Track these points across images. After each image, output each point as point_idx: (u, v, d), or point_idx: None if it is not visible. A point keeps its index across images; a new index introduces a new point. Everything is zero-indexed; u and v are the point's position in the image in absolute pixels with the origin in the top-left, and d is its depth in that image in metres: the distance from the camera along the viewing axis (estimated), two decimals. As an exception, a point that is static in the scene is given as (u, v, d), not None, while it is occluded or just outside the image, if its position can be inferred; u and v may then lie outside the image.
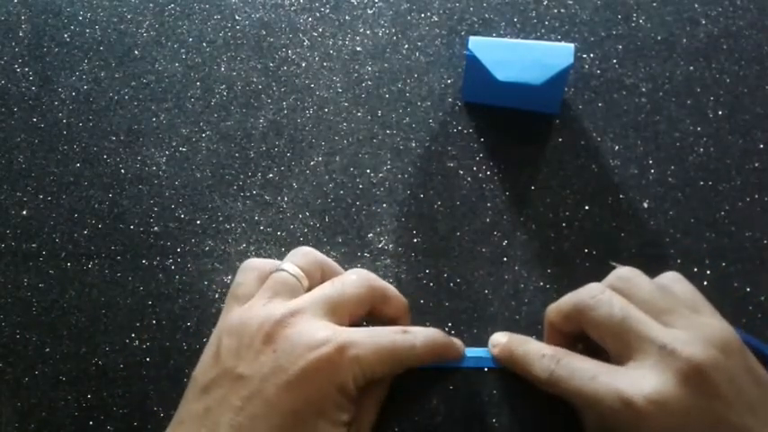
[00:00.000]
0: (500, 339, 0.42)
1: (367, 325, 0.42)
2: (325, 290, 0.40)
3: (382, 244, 0.48)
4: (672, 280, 0.40)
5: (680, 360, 0.35)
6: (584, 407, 0.38)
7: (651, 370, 0.35)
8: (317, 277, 0.41)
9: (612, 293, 0.39)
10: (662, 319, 0.37)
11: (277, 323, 0.37)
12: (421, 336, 0.39)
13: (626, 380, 0.36)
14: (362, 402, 0.39)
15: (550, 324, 0.41)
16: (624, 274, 0.40)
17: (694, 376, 0.35)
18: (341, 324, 0.38)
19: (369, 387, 0.38)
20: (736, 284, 0.46)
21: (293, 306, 0.38)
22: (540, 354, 0.39)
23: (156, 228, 0.50)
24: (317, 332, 0.37)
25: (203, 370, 0.38)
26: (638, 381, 0.35)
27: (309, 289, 0.41)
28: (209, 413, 0.36)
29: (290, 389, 0.36)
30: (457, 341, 0.42)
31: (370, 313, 0.41)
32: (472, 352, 0.43)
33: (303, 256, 0.42)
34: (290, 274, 0.40)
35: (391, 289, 0.42)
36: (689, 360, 0.35)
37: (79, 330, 0.47)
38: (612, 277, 0.40)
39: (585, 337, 0.40)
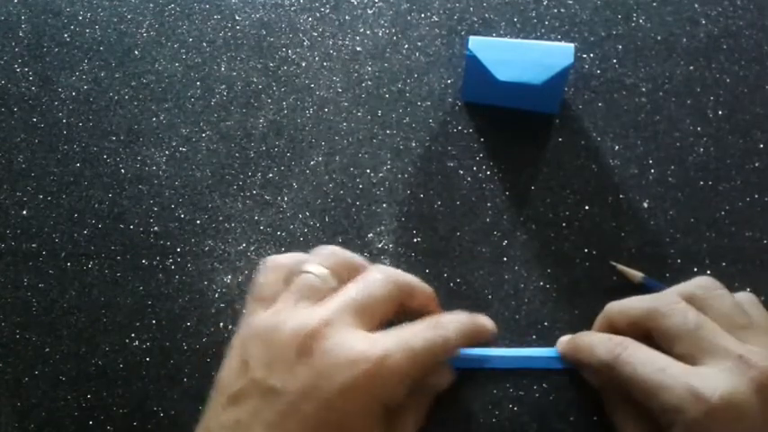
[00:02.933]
0: (566, 338, 0.43)
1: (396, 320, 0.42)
2: (353, 293, 0.38)
3: (382, 244, 0.48)
4: (747, 301, 0.40)
5: (756, 369, 0.35)
6: (645, 398, 0.37)
7: (725, 373, 0.35)
8: (344, 276, 0.40)
9: (688, 306, 0.38)
10: (737, 334, 0.37)
11: (310, 335, 0.36)
12: (452, 326, 0.39)
13: (699, 377, 0.35)
14: (407, 406, 0.39)
15: (610, 323, 0.41)
16: (705, 283, 0.40)
17: None
18: (372, 328, 0.38)
19: (415, 389, 0.38)
20: (736, 284, 0.46)
21: (325, 315, 0.37)
22: (606, 338, 0.39)
23: (156, 228, 0.50)
24: (355, 345, 0.36)
25: (229, 377, 0.37)
26: (712, 380, 0.35)
27: (337, 289, 0.40)
28: (239, 426, 0.35)
29: (330, 407, 0.35)
30: (486, 319, 0.41)
31: (398, 309, 0.40)
32: (521, 352, 0.43)
33: (329, 255, 0.41)
34: (317, 275, 0.39)
35: (416, 281, 0.41)
36: (765, 370, 0.35)
37: (79, 330, 0.47)
38: (693, 285, 0.40)
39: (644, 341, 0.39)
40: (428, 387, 0.41)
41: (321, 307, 0.38)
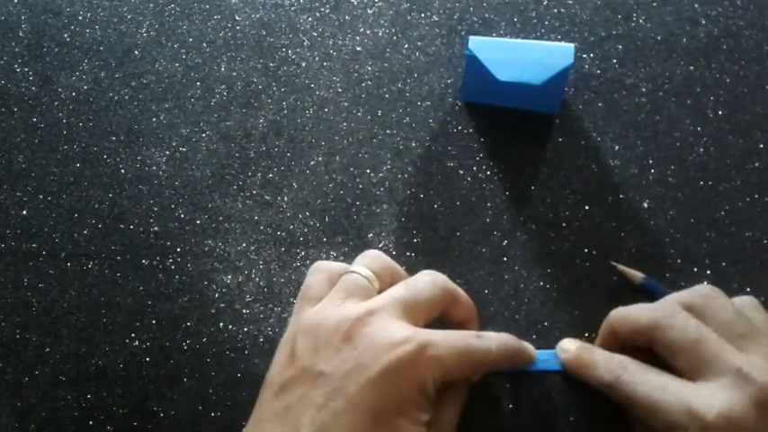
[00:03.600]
0: (569, 346, 0.42)
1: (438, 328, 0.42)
2: (401, 291, 0.40)
3: (382, 244, 0.48)
4: (748, 306, 0.40)
5: (755, 385, 0.35)
6: (646, 416, 0.37)
7: (724, 389, 0.35)
8: (386, 280, 0.42)
9: (689, 316, 0.38)
10: (738, 343, 0.37)
11: (356, 321, 0.37)
12: (495, 341, 0.39)
13: (697, 395, 0.36)
14: (444, 405, 0.39)
15: (613, 331, 0.41)
16: (705, 292, 0.40)
17: None
18: (415, 324, 0.38)
19: (448, 390, 0.38)
20: (736, 284, 0.46)
21: (370, 305, 0.38)
22: (608, 357, 0.39)
23: (156, 228, 0.50)
24: (397, 331, 0.37)
25: (278, 371, 0.38)
26: (710, 397, 0.35)
27: (380, 291, 0.41)
28: (289, 411, 0.36)
29: (373, 386, 0.36)
30: (528, 346, 0.42)
31: (440, 316, 0.41)
32: (542, 354, 0.43)
33: (374, 259, 0.42)
34: (362, 275, 0.40)
35: (461, 292, 0.42)
36: (765, 385, 0.35)
37: (79, 330, 0.47)
38: (693, 294, 0.40)
39: (645, 350, 0.39)
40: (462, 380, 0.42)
41: (368, 301, 0.39)
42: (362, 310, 0.38)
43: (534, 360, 0.42)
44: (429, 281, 0.40)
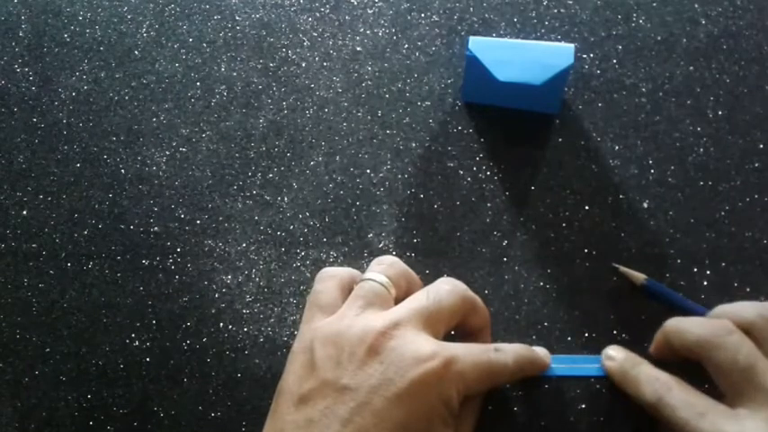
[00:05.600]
0: (616, 355, 0.42)
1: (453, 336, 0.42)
2: (422, 301, 0.39)
3: (382, 244, 0.48)
4: None
5: None
6: None
7: (763, 422, 0.35)
8: (402, 287, 0.41)
9: (743, 338, 0.38)
10: None
11: (380, 335, 0.37)
12: (512, 354, 0.39)
13: (735, 425, 0.35)
14: (461, 417, 0.39)
15: (667, 341, 0.40)
16: (766, 313, 0.39)
17: None
18: (437, 335, 0.38)
19: (466, 402, 0.38)
20: (736, 284, 0.46)
21: (393, 317, 0.38)
22: (653, 377, 0.39)
23: (156, 228, 0.50)
24: (423, 345, 0.37)
25: (297, 381, 0.37)
26: (748, 428, 0.35)
27: (397, 299, 0.40)
28: (312, 424, 0.35)
29: (400, 401, 0.35)
30: (542, 352, 0.42)
31: (457, 323, 0.41)
32: (559, 360, 0.43)
33: (390, 265, 0.41)
34: (379, 283, 0.40)
35: (478, 299, 0.42)
36: None
37: (79, 330, 0.47)
38: (755, 312, 0.39)
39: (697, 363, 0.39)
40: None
41: (390, 311, 0.38)
42: (387, 322, 0.37)
43: (549, 366, 0.42)
44: (450, 290, 0.40)
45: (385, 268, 0.41)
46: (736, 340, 0.37)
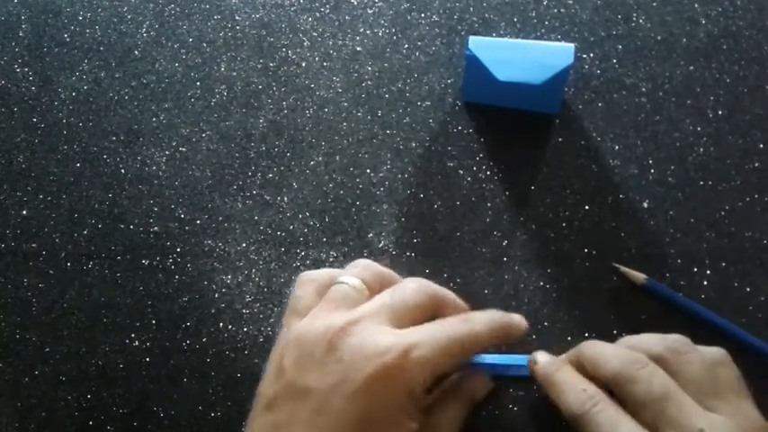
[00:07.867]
0: (540, 358, 0.41)
1: None
2: (386, 299, 0.39)
3: (382, 244, 0.48)
4: (719, 361, 0.39)
5: None
6: None
7: None
8: (376, 289, 0.41)
9: (656, 369, 0.37)
10: (705, 402, 0.36)
11: (340, 330, 0.36)
12: (481, 320, 0.39)
13: None
14: (440, 421, 0.39)
15: (582, 368, 0.40)
16: (676, 345, 0.38)
17: None
18: (402, 329, 0.38)
19: (446, 403, 0.38)
20: (736, 284, 0.46)
21: (354, 314, 0.38)
22: (579, 387, 0.38)
23: (156, 228, 0.50)
24: (381, 339, 0.36)
25: (267, 384, 0.38)
26: None
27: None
28: (278, 429, 0.35)
29: (358, 398, 0.35)
30: (516, 317, 0.41)
31: (431, 319, 0.40)
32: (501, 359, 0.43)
33: (364, 268, 0.41)
34: (351, 286, 0.40)
35: (450, 295, 0.41)
36: None
37: (79, 330, 0.47)
38: (663, 345, 0.39)
39: None
40: (465, 395, 0.41)
41: (353, 310, 0.38)
42: (347, 319, 0.37)
43: (526, 330, 0.41)
44: (415, 288, 0.40)
45: (359, 271, 0.41)
46: (650, 372, 0.37)
